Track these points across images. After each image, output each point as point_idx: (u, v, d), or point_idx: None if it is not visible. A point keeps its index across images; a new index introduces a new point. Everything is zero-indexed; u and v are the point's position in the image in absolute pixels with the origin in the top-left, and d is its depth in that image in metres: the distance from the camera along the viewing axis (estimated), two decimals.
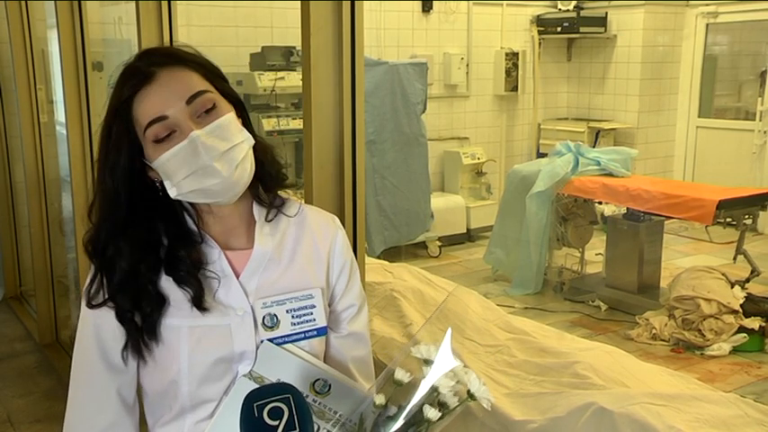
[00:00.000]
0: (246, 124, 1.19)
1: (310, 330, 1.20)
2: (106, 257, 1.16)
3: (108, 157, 1.14)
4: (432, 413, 1.00)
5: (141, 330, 1.15)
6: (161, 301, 1.15)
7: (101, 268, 1.17)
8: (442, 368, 1.02)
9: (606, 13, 7.20)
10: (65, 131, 3.44)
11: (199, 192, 1.13)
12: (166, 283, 1.16)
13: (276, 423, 0.96)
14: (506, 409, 2.14)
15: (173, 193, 1.13)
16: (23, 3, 4.23)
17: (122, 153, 1.12)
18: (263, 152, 1.20)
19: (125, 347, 1.16)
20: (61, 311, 4.30)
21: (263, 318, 1.18)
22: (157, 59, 1.14)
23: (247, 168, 1.15)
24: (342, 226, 1.32)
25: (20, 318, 4.77)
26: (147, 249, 1.16)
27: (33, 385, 3.78)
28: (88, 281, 1.19)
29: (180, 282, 1.15)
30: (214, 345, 1.16)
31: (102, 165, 1.15)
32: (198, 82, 1.14)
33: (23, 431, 3.36)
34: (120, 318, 1.15)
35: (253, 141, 1.16)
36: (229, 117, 1.14)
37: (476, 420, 2.17)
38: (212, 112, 1.13)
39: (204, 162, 1.10)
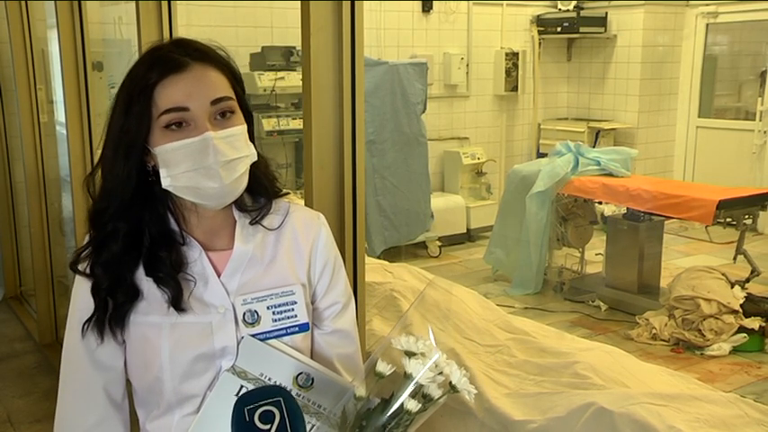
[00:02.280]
0: (251, 137, 1.20)
1: (292, 326, 1.21)
2: (104, 234, 1.17)
3: (126, 135, 1.13)
4: (411, 404, 1.00)
5: (110, 314, 1.16)
6: (135, 295, 1.16)
7: (94, 242, 1.18)
8: (423, 360, 1.02)
9: (606, 13, 7.20)
10: (65, 131, 3.44)
11: (193, 190, 1.13)
12: (145, 281, 1.17)
13: (267, 427, 0.96)
14: (506, 409, 2.14)
15: (166, 182, 1.13)
16: (23, 3, 4.23)
17: (142, 132, 1.12)
18: (255, 163, 1.20)
19: (88, 320, 1.17)
20: (61, 311, 4.30)
21: (244, 314, 1.18)
22: (192, 52, 1.14)
23: (243, 183, 1.17)
24: (326, 223, 1.31)
25: (20, 318, 4.77)
26: (136, 239, 1.16)
27: (33, 385, 3.78)
28: (82, 246, 1.20)
29: (159, 283, 1.16)
30: (194, 342, 1.16)
31: (117, 141, 1.14)
32: (225, 86, 1.15)
33: (23, 431, 3.37)
34: (94, 292, 1.16)
35: (255, 158, 1.17)
36: (243, 129, 1.16)
37: (476, 420, 2.17)
38: (229, 119, 1.14)
39: (210, 163, 1.11)
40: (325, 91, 1.83)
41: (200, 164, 1.11)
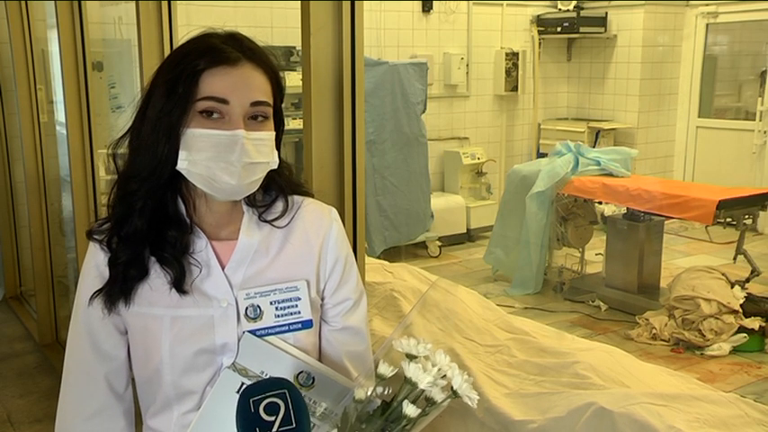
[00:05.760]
0: (278, 143, 1.20)
1: (294, 323, 1.20)
2: (131, 210, 1.16)
3: (168, 116, 1.12)
4: (410, 410, 0.98)
5: (119, 287, 1.17)
6: (145, 272, 1.17)
7: (117, 216, 1.18)
8: (424, 364, 1.01)
9: (606, 13, 7.21)
10: (65, 131, 3.44)
11: (206, 179, 1.13)
12: (151, 263, 1.17)
13: (272, 419, 0.96)
14: (506, 409, 2.14)
15: (182, 164, 1.13)
16: (23, 3, 4.23)
17: (184, 115, 1.12)
18: (279, 170, 1.20)
19: (99, 290, 1.17)
20: (61, 311, 4.30)
21: (246, 309, 1.18)
22: (246, 50, 1.15)
23: (255, 187, 1.17)
24: (339, 218, 1.30)
25: (20, 318, 4.77)
26: (156, 217, 1.17)
27: (33, 385, 3.78)
28: (103, 218, 1.21)
29: (163, 262, 1.16)
30: (195, 335, 1.16)
31: (156, 122, 1.13)
32: (267, 92, 1.16)
33: (23, 431, 3.36)
34: (111, 264, 1.17)
35: (275, 166, 1.18)
36: (271, 135, 1.17)
37: (476, 420, 2.17)
38: (261, 124, 1.15)
39: (233, 160, 1.11)
40: (325, 91, 1.83)
41: (224, 158, 1.11)
